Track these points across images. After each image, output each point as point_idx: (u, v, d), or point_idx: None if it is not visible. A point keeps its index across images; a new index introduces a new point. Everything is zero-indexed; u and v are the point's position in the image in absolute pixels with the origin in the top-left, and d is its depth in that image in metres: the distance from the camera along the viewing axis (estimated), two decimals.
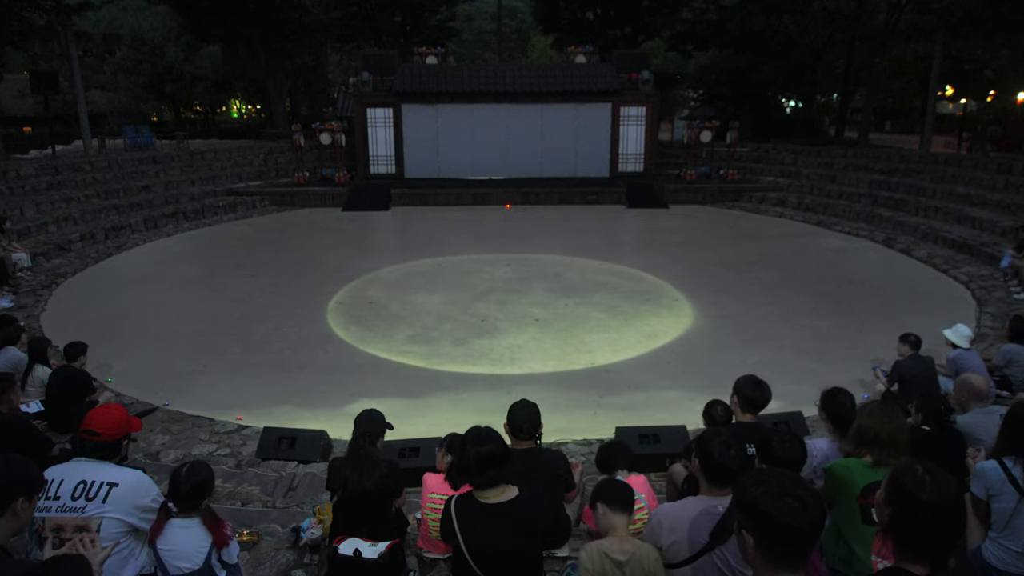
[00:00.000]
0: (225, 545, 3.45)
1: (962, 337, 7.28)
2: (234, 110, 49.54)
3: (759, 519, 1.90)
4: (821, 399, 4.31)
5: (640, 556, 2.99)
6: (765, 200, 20.42)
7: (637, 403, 8.04)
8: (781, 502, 1.88)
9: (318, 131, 21.65)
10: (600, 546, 3.03)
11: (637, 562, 2.98)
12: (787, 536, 1.89)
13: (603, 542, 3.06)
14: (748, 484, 2.00)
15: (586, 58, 23.08)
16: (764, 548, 1.92)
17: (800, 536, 1.89)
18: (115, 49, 29.35)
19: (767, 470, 2.13)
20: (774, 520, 1.87)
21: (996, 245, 13.68)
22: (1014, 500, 3.44)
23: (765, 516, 1.89)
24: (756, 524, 1.92)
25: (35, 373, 7.09)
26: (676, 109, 39.40)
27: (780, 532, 1.88)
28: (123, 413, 3.55)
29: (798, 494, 1.89)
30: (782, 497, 1.89)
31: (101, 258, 14.55)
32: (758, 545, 1.93)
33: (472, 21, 45.54)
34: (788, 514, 1.86)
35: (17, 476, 2.69)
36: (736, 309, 11.27)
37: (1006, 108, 30.36)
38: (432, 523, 3.92)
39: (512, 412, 3.99)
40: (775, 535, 1.89)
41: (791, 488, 1.91)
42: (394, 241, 17.53)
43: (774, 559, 1.93)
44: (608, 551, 2.98)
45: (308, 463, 6.29)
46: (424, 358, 9.43)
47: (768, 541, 1.91)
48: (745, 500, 1.96)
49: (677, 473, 4.49)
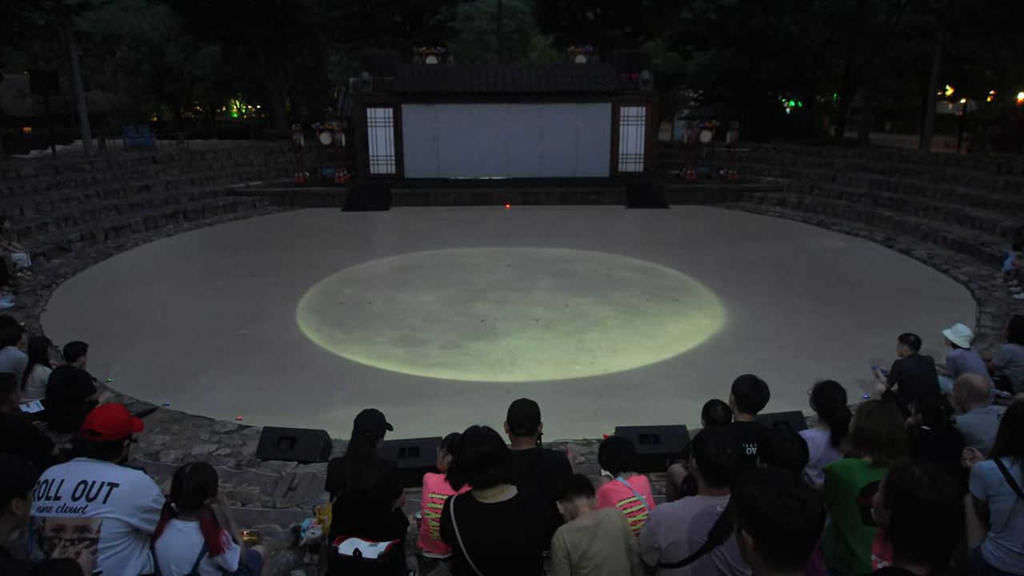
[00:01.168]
0: (219, 552, 3.42)
1: (962, 337, 7.28)
2: (234, 110, 49.56)
3: (759, 519, 1.90)
4: (813, 392, 4.36)
5: (606, 519, 3.18)
6: (765, 200, 20.43)
7: (636, 402, 8.04)
8: (781, 502, 1.88)
9: (318, 131, 21.66)
10: (566, 526, 3.19)
11: (604, 525, 3.15)
12: (787, 536, 1.88)
13: (569, 522, 3.22)
14: (748, 484, 2.00)
15: (586, 58, 23.08)
16: (764, 548, 1.92)
17: (800, 536, 1.89)
18: (115, 49, 29.37)
19: (767, 470, 2.13)
20: (773, 520, 1.87)
21: (996, 245, 13.68)
22: (1012, 500, 3.44)
23: (765, 516, 1.89)
24: (756, 524, 1.92)
25: (35, 373, 7.09)
26: (676, 109, 39.40)
27: (780, 532, 1.88)
28: (124, 413, 3.56)
29: (798, 494, 1.89)
30: (782, 497, 1.88)
31: (101, 258, 14.56)
32: (758, 545, 1.93)
33: (472, 21, 45.55)
34: (788, 514, 1.86)
35: (10, 476, 2.70)
36: (736, 309, 11.27)
37: (1006, 108, 30.35)
38: (432, 523, 3.92)
39: (512, 410, 3.99)
40: (775, 535, 1.89)
41: (791, 488, 1.91)
42: (394, 241, 17.53)
43: (773, 559, 1.93)
44: (576, 525, 3.16)
45: (308, 463, 6.29)
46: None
47: (768, 541, 1.91)
48: (745, 500, 1.95)
49: (676, 473, 4.49)
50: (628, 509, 3.76)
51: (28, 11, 20.29)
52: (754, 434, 4.00)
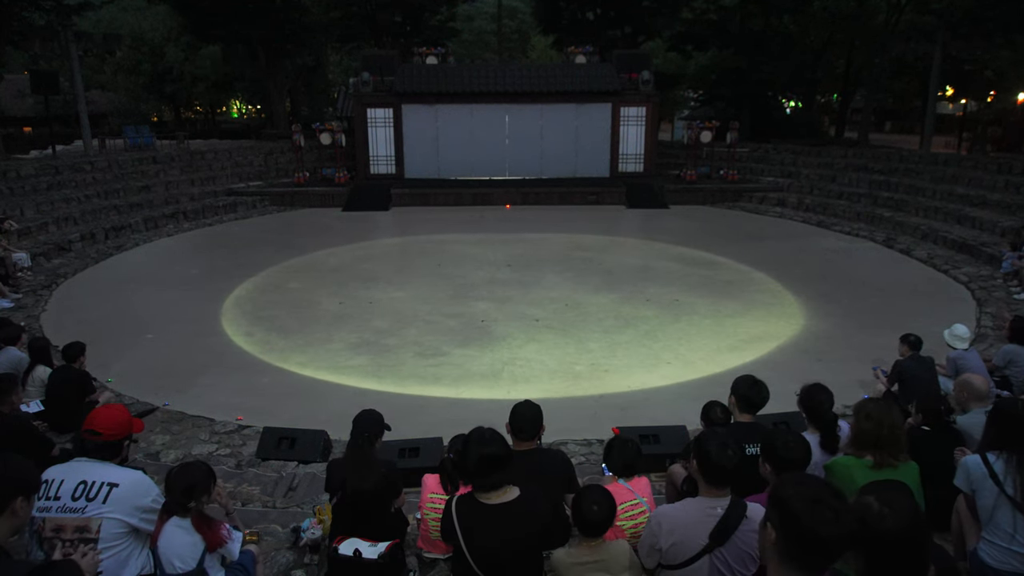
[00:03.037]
0: (221, 546, 3.44)
1: (958, 338, 7.28)
2: (234, 110, 49.54)
3: (787, 517, 1.91)
4: (800, 395, 4.37)
5: (609, 554, 3.19)
6: (765, 200, 20.43)
7: (636, 402, 8.03)
8: (814, 507, 1.88)
9: (318, 131, 21.65)
10: (564, 552, 3.24)
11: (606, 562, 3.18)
12: (810, 541, 1.88)
13: (568, 551, 3.27)
14: (787, 481, 2.02)
15: (586, 58, 23.08)
16: (784, 547, 1.93)
17: (822, 545, 1.88)
18: (115, 49, 29.38)
19: (813, 476, 2.13)
20: (800, 522, 1.88)
21: (996, 245, 13.68)
22: (994, 495, 3.48)
23: (793, 516, 1.89)
24: (783, 521, 1.92)
25: (35, 373, 7.09)
26: (676, 109, 39.40)
27: (803, 535, 1.88)
28: (125, 414, 3.55)
29: (834, 505, 1.89)
30: (817, 503, 1.89)
31: (101, 258, 14.55)
32: (779, 542, 1.93)
33: (472, 21, 45.54)
34: (817, 521, 1.86)
35: (14, 475, 2.70)
36: (736, 309, 11.26)
37: (1006, 108, 30.35)
38: (432, 523, 3.92)
39: (515, 413, 3.98)
40: (798, 536, 1.89)
41: (830, 499, 1.91)
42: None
43: (790, 559, 1.93)
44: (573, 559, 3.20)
45: (308, 463, 6.29)
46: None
47: (790, 541, 1.91)
48: (779, 495, 1.96)
49: (676, 474, 4.49)
50: (629, 512, 3.76)
51: (28, 11, 20.28)
52: (755, 435, 4.00)
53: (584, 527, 3.17)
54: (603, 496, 3.21)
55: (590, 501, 3.16)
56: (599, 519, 3.14)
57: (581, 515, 3.15)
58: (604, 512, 3.16)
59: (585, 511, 3.14)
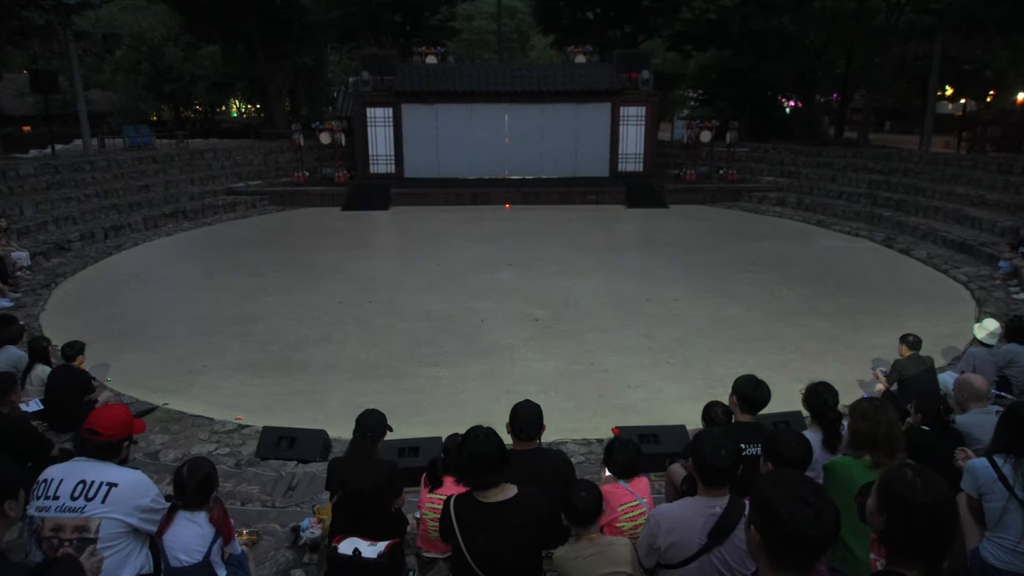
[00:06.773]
0: (232, 538, 3.48)
1: (989, 334, 7.24)
2: (234, 110, 49.49)
3: (770, 519, 1.90)
4: (804, 393, 4.38)
5: (609, 549, 3.21)
6: (765, 200, 20.43)
7: (636, 402, 8.04)
8: (795, 507, 1.87)
9: (318, 131, 21.64)
10: (565, 550, 3.26)
11: (607, 554, 3.19)
12: (794, 541, 1.88)
13: (568, 548, 3.30)
14: (767, 482, 2.01)
15: (586, 58, 23.08)
16: (770, 548, 1.93)
17: (807, 544, 1.88)
18: (115, 49, 29.41)
19: (791, 473, 2.13)
20: (784, 522, 1.87)
21: (996, 245, 13.69)
22: (1004, 498, 3.46)
23: (776, 517, 1.88)
24: (766, 523, 1.92)
25: (35, 372, 7.09)
26: (676, 109, 39.38)
27: (788, 536, 1.87)
28: (126, 414, 3.55)
29: (815, 503, 1.88)
30: (798, 503, 1.88)
31: (101, 258, 14.55)
32: (764, 543, 1.93)
33: (472, 21, 45.55)
34: (800, 520, 1.85)
35: (1, 477, 2.69)
36: (736, 309, 11.27)
37: (1006, 108, 30.33)
38: (431, 523, 3.92)
39: (514, 412, 3.98)
40: (782, 538, 1.89)
41: (810, 496, 1.90)
42: (393, 241, 17.54)
43: (777, 559, 1.93)
44: (573, 553, 3.22)
45: (307, 463, 6.29)
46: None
47: (774, 542, 1.91)
48: (760, 497, 1.96)
49: (675, 473, 4.49)
50: (629, 513, 3.76)
51: (28, 10, 20.26)
52: (756, 434, 3.99)
53: (575, 518, 3.24)
54: (589, 486, 3.31)
55: (577, 491, 3.26)
56: (588, 507, 3.22)
57: (571, 506, 3.22)
58: (592, 500, 3.24)
59: (574, 501, 3.21)
